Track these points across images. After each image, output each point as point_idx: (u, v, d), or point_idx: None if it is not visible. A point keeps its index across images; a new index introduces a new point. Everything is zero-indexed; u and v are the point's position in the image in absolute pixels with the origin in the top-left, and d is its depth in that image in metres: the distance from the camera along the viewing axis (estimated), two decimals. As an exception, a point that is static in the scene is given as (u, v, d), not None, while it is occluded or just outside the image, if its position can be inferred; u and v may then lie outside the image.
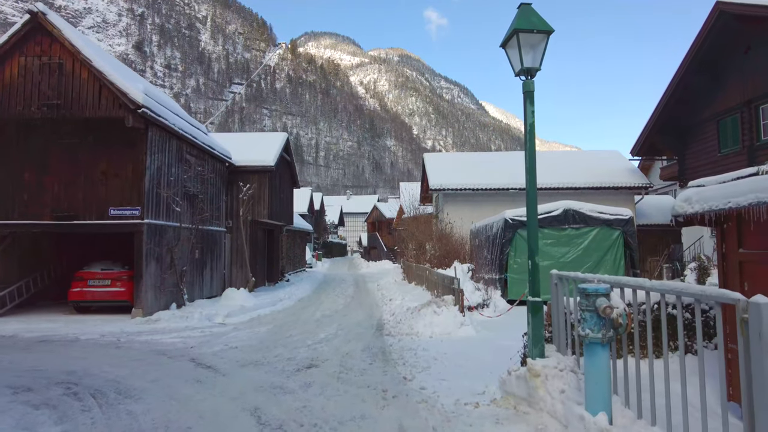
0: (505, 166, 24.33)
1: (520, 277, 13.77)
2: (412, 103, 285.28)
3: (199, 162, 15.58)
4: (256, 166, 18.50)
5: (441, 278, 11.84)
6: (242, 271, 18.36)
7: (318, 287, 21.95)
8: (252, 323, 11.83)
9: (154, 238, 12.46)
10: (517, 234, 13.86)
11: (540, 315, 5.22)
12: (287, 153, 22.22)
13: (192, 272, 14.89)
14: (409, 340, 9.04)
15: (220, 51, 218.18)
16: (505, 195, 22.27)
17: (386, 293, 16.48)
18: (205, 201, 15.81)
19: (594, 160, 24.75)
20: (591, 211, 13.86)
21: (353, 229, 77.34)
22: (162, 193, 12.73)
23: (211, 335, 10.16)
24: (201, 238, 15.62)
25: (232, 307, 13.35)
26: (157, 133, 12.60)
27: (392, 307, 12.70)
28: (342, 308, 14.34)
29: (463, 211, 21.25)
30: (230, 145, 18.94)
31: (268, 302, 15.00)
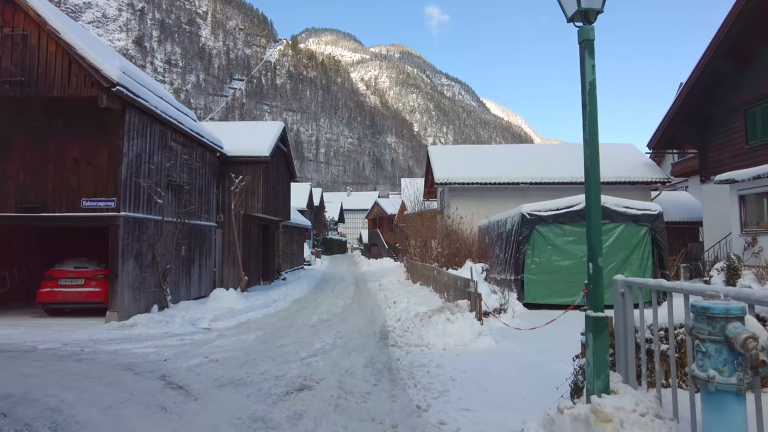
0: (514, 159, 23.06)
1: (538, 278, 12.50)
2: (413, 99, 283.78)
3: (186, 150, 14.28)
4: (249, 157, 17.20)
5: (453, 280, 10.56)
6: (234, 270, 17.08)
7: (316, 287, 20.67)
8: (240, 329, 10.55)
9: (132, 233, 11.17)
10: (536, 231, 12.58)
11: (604, 336, 3.94)
12: (284, 144, 20.92)
13: (177, 271, 13.61)
14: (420, 353, 7.76)
15: (220, 47, 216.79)
16: (515, 190, 20.99)
17: (389, 294, 15.20)
18: (192, 193, 14.52)
19: (608, 154, 23.18)
20: (616, 205, 12.58)
21: (353, 225, 76.07)
22: (141, 183, 11.44)
23: (191, 344, 8.88)
24: (188, 233, 14.34)
25: (220, 310, 12.07)
26: (136, 115, 11.30)
27: (397, 311, 11.43)
28: (341, 311, 13.06)
29: (471, 206, 19.96)
30: (222, 134, 17.64)
31: (260, 304, 13.72)
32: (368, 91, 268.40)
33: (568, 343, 8.17)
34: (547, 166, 21.95)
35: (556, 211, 12.58)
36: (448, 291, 11.21)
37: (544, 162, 22.43)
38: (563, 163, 22.15)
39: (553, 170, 21.49)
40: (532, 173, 21.29)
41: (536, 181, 20.99)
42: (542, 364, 6.90)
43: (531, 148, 25.19)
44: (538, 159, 22.89)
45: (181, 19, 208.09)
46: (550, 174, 21.26)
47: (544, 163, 22.24)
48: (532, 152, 24.29)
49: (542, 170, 21.49)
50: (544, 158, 22.96)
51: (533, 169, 21.64)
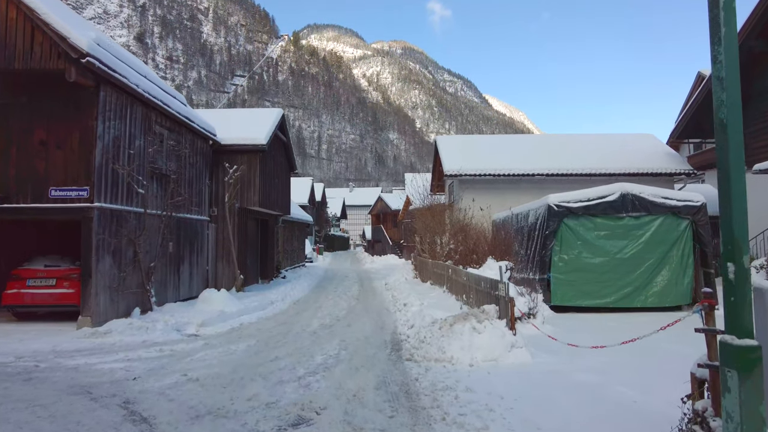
0: (528, 150, 21.70)
1: (566, 277, 11.14)
2: (415, 96, 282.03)
3: (174, 136, 12.94)
4: (245, 145, 15.85)
5: (475, 280, 9.19)
6: (229, 268, 15.77)
7: (317, 286, 19.35)
8: (231, 336, 9.23)
9: (109, 227, 9.85)
10: (564, 224, 11.21)
11: (756, 375, 2.56)
12: (283, 133, 19.55)
13: (164, 269, 12.29)
14: (442, 371, 6.42)
15: (222, 43, 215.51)
16: (530, 182, 19.63)
17: (398, 295, 13.87)
18: (181, 183, 13.19)
19: (627, 144, 22.03)
20: (654, 196, 11.20)
21: (356, 222, 74.74)
22: (119, 170, 10.10)
23: (170, 356, 7.55)
24: (176, 227, 13.02)
25: (210, 314, 10.75)
26: (113, 94, 9.96)
27: (408, 315, 10.09)
28: (345, 314, 11.73)
29: (483, 199, 18.61)
30: (216, 121, 16.30)
31: (256, 306, 12.40)
32: (370, 88, 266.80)
33: (618, 357, 6.88)
34: (562, 156, 20.56)
35: (587, 202, 11.21)
36: (467, 293, 9.87)
37: (560, 153, 21.05)
38: (580, 154, 20.78)
39: (569, 161, 20.11)
40: (548, 164, 19.90)
41: (553, 172, 19.60)
42: (598, 388, 5.56)
43: (546, 138, 23.81)
44: (553, 150, 21.51)
45: (183, 15, 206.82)
46: (566, 165, 19.87)
47: (560, 154, 20.86)
48: (546, 142, 22.89)
49: (558, 161, 20.11)
50: (559, 149, 21.57)
51: (549, 159, 20.25)
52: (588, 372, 6.18)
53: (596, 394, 5.33)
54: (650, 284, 11.09)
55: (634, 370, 6.27)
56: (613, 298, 11.10)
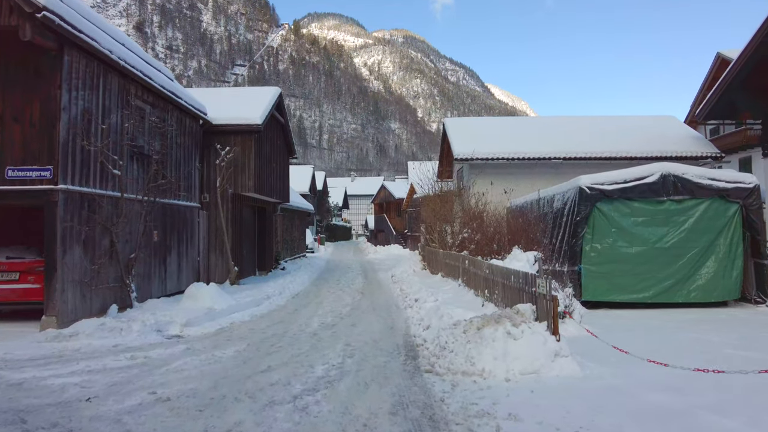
0: (542, 133, 20.30)
1: (599, 269, 9.85)
2: (417, 85, 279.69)
3: (158, 113, 11.61)
4: (239, 125, 14.50)
5: (502, 274, 7.88)
6: (223, 259, 14.50)
7: (318, 278, 18.10)
8: (218, 339, 7.98)
9: (78, 213, 8.57)
10: (597, 209, 9.89)
11: None
12: (280, 113, 18.17)
13: (147, 261, 11.03)
14: (473, 387, 5.15)
15: (222, 32, 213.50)
16: (545, 166, 18.29)
17: (407, 289, 12.59)
18: (166, 166, 11.89)
19: (648, 127, 20.63)
20: (699, 177, 9.87)
21: (358, 211, 73.46)
22: (90, 147, 8.80)
23: (142, 365, 6.30)
24: (162, 214, 11.74)
25: (196, 311, 9.50)
26: (80, 59, 8.63)
27: (422, 313, 8.82)
28: (349, 311, 10.46)
29: (495, 185, 17.31)
30: (209, 101, 14.96)
31: (250, 301, 11.13)
32: (371, 77, 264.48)
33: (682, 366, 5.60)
34: (579, 140, 19.20)
35: (623, 183, 9.88)
36: (490, 288, 8.58)
37: (576, 136, 19.68)
38: (599, 137, 19.40)
39: (587, 144, 18.75)
40: (565, 147, 18.54)
41: (570, 155, 18.25)
42: (684, 416, 4.28)
43: (561, 121, 22.33)
44: (569, 133, 20.12)
45: (182, 4, 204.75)
46: (584, 148, 18.51)
47: (576, 137, 19.49)
48: (562, 125, 21.46)
49: (575, 144, 18.75)
50: (575, 132, 20.18)
51: (565, 143, 18.89)
52: (658, 390, 4.90)
53: (687, 426, 4.05)
54: (694, 277, 9.80)
55: (714, 386, 5.00)
56: (651, 292, 9.81)
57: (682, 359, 5.81)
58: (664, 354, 6.03)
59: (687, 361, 5.70)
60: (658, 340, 7.17)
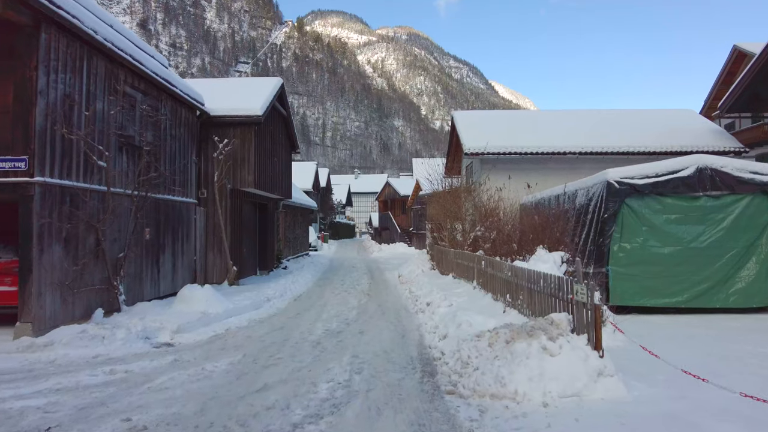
0: (556, 127, 19.38)
1: (627, 271, 9.00)
2: (421, 82, 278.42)
3: (150, 101, 10.81)
4: (238, 116, 13.68)
5: (528, 277, 6.99)
6: (221, 258, 13.72)
7: (322, 278, 17.30)
8: (211, 348, 7.18)
9: (58, 208, 7.79)
10: (626, 206, 9.04)
11: None
12: (283, 105, 17.35)
13: (139, 260, 10.24)
14: (505, 414, 4.33)
15: (225, 29, 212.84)
16: (560, 161, 17.43)
17: (417, 291, 11.77)
18: (160, 158, 11.10)
19: (667, 120, 19.71)
20: (739, 170, 9.00)
21: (362, 209, 72.62)
22: (72, 136, 8.01)
23: (121, 382, 5.51)
24: (155, 211, 10.96)
25: (189, 316, 8.72)
26: (61, 39, 7.84)
27: (436, 319, 8.01)
28: (356, 316, 9.65)
29: (508, 181, 16.46)
30: (207, 91, 14.17)
31: (248, 304, 10.33)
32: (375, 74, 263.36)
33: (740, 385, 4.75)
34: (595, 133, 18.34)
35: (654, 178, 9.02)
36: (513, 292, 7.73)
37: (592, 130, 18.81)
38: (616, 131, 18.51)
39: (604, 138, 17.86)
40: (580, 141, 17.66)
41: (586, 150, 17.38)
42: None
43: (575, 115, 21.47)
44: (584, 126, 19.26)
45: (186, 1, 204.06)
46: (601, 143, 17.63)
47: (592, 131, 18.63)
48: (576, 119, 20.59)
49: (591, 138, 17.88)
50: (591, 126, 19.32)
51: (580, 137, 18.02)
52: (728, 419, 4.07)
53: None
54: (733, 279, 8.94)
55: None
56: (685, 296, 8.96)
57: (743, 378, 4.99)
58: (718, 370, 5.22)
59: (750, 380, 4.89)
60: (704, 352, 6.33)
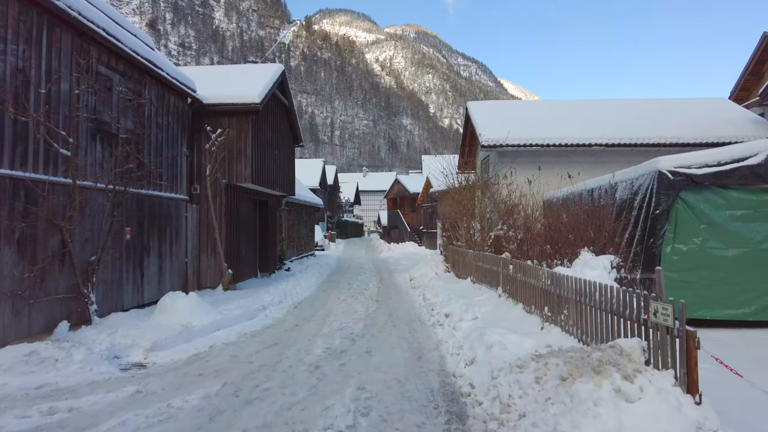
0: (577, 118, 17.97)
1: (683, 277, 7.61)
2: (429, 80, 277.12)
3: (132, 85, 9.57)
4: (233, 105, 12.42)
5: (580, 289, 5.54)
6: (215, 260, 12.47)
7: (326, 281, 16.01)
8: (186, 373, 5.90)
9: (10, 204, 6.56)
10: (681, 200, 7.65)
11: None
12: (284, 95, 16.06)
13: (117, 264, 9.01)
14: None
15: (234, 29, 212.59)
16: (584, 154, 16.01)
17: (431, 298, 10.43)
18: (143, 149, 9.86)
19: (699, 109, 18.20)
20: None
21: (370, 207, 71.34)
22: (24, 118, 6.77)
23: (57, 427, 4.24)
24: (137, 208, 9.72)
25: (169, 329, 7.46)
26: (10, 3, 6.60)
27: (459, 336, 6.67)
28: (362, 330, 8.32)
29: (527, 175, 15.07)
30: (202, 79, 12.97)
31: (239, 314, 9.05)
32: (383, 72, 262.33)
33: None
34: (622, 124, 16.90)
35: (716, 167, 7.62)
36: (554, 305, 6.35)
37: (618, 120, 17.38)
38: (644, 122, 17.07)
39: (632, 129, 16.43)
40: (606, 133, 16.24)
41: (614, 142, 15.96)
42: None
43: (599, 104, 19.99)
44: (608, 117, 17.82)
45: (195, 1, 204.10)
46: (628, 134, 16.19)
47: (618, 122, 17.19)
48: (600, 109, 19.13)
49: (617, 129, 16.45)
50: (616, 116, 17.88)
51: (605, 128, 16.58)
52: None
53: None
54: (810, 287, 7.54)
55: None
56: (754, 307, 7.55)
57: None
58: None
59: None
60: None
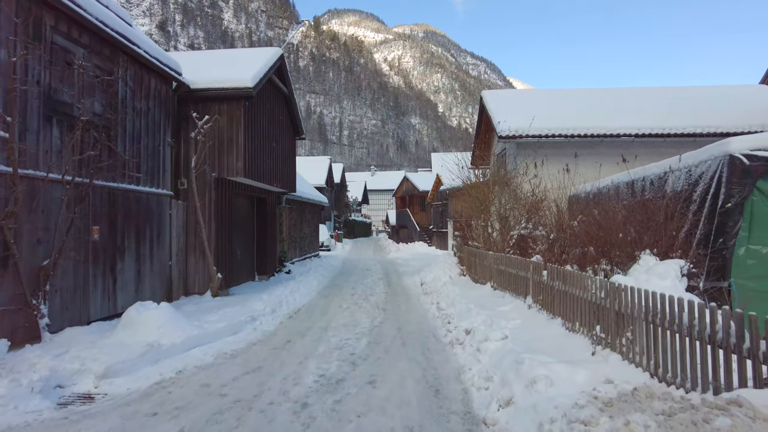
0: (602, 107, 16.48)
1: (762, 286, 6.16)
2: (438, 80, 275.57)
3: (100, 61, 8.29)
4: (224, 89, 11.11)
5: (655, 307, 4.06)
6: (205, 262, 11.18)
7: (330, 285, 14.67)
8: (138, 410, 4.57)
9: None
10: (757, 191, 6.21)
11: None
12: (283, 82, 14.72)
13: (82, 268, 7.72)
14: None
15: (243, 30, 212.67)
16: (611, 145, 14.55)
17: (446, 306, 9.04)
18: (115, 136, 8.58)
19: (738, 97, 16.64)
20: None
21: (379, 207, 70.00)
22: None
23: None
24: (109, 203, 8.44)
25: (132, 348, 6.15)
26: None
27: (485, 362, 5.29)
28: (365, 349, 6.94)
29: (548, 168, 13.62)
30: (192, 64, 11.72)
31: (222, 328, 7.71)
32: (392, 72, 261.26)
33: None
34: (650, 113, 15.43)
35: (802, 149, 6.18)
36: (610, 323, 4.88)
37: (646, 108, 15.92)
38: (675, 110, 15.53)
39: (663, 118, 14.96)
40: (634, 122, 14.79)
41: (644, 132, 14.51)
42: None
43: (623, 93, 18.49)
44: (635, 105, 16.36)
45: (204, 3, 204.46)
46: (660, 124, 14.71)
47: (646, 110, 15.73)
48: (625, 97, 17.63)
49: (646, 118, 14.99)
50: (643, 104, 16.41)
51: (633, 117, 15.12)
52: None
53: None
54: None
55: None
56: None
57: None
58: None
59: None
60: None
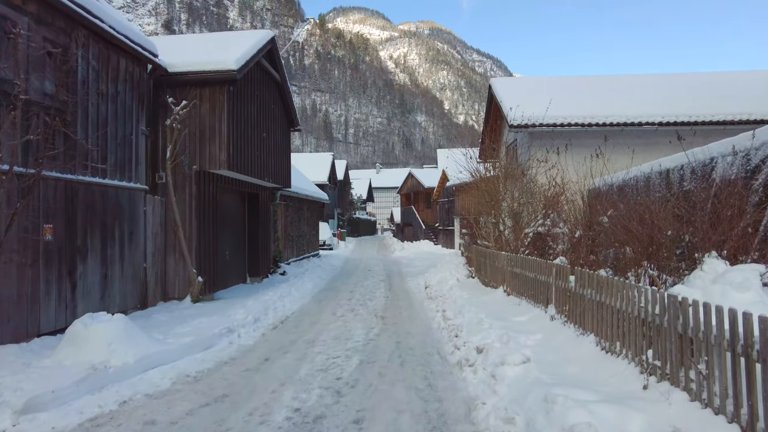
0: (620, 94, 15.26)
1: None
2: (443, 77, 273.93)
3: (51, 34, 7.20)
4: (204, 72, 9.99)
5: (733, 329, 2.99)
6: (184, 265, 10.08)
7: (326, 288, 13.54)
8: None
9: None
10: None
11: None
12: (275, 68, 13.57)
13: (31, 273, 6.63)
14: None
15: (248, 28, 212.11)
16: (630, 135, 13.41)
17: (453, 316, 7.86)
18: (74, 121, 7.48)
19: (755, 83, 15.39)
20: None
21: (383, 204, 68.84)
22: None
23: None
24: (66, 199, 7.35)
25: (71, 372, 5.05)
26: None
27: (502, 393, 4.15)
28: (355, 371, 5.78)
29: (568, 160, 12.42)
30: (174, 47, 10.66)
31: (190, 342, 6.58)
32: (397, 69, 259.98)
33: None
34: (672, 100, 14.20)
35: None
36: (666, 346, 3.55)
37: (667, 96, 14.68)
38: (699, 97, 14.28)
39: (685, 106, 13.72)
40: (655, 110, 13.60)
41: (667, 120, 13.29)
42: None
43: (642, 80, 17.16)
44: (656, 93, 15.13)
45: (209, 1, 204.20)
46: (685, 111, 13.49)
47: (668, 97, 14.49)
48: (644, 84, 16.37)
49: (669, 106, 13.77)
50: (664, 91, 15.17)
51: (654, 105, 13.90)
52: None
53: None
54: None
55: None
56: None
57: None
58: None
59: None
60: None
